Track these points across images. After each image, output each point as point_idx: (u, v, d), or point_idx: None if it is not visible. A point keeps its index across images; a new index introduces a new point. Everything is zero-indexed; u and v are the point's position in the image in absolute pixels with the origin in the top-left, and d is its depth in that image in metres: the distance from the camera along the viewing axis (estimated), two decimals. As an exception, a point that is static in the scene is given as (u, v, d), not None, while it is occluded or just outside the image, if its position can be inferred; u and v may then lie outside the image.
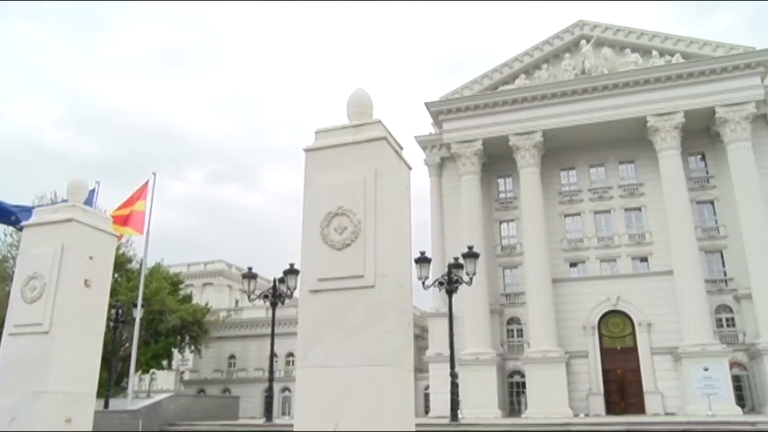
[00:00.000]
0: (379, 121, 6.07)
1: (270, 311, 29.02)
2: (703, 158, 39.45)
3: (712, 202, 38.47)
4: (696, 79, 36.99)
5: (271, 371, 28.24)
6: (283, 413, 46.18)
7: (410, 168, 6.49)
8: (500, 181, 43.05)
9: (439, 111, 41.56)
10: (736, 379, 33.48)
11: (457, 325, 34.87)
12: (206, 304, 49.59)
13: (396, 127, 6.75)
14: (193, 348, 47.77)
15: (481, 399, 34.25)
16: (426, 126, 47.52)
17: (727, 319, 36.34)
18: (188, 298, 48.61)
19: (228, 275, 69.46)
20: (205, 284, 68.38)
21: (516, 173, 40.28)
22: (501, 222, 42.22)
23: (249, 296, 27.26)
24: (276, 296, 27.19)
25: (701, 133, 38.17)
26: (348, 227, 5.62)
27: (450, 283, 24.48)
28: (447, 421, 22.34)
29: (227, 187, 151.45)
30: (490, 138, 40.10)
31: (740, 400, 32.76)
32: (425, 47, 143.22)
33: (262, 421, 27.78)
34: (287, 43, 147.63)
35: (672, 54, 38.29)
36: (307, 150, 6.18)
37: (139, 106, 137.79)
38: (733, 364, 33.66)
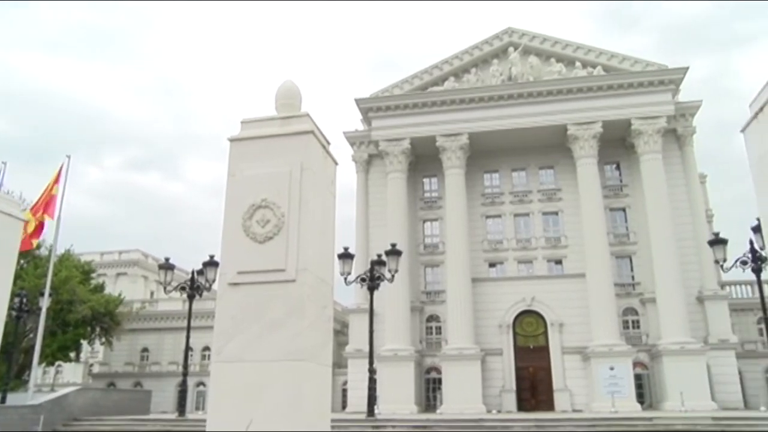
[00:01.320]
0: (307, 115, 6.02)
1: (187, 304, 28.23)
2: (618, 167, 41.40)
3: (624, 210, 40.45)
4: (615, 92, 38.77)
5: (186, 365, 27.49)
6: (197, 408, 45.10)
7: (337, 163, 6.48)
8: (426, 180, 43.64)
9: (369, 108, 41.71)
10: (638, 378, 35.37)
11: (377, 322, 35.13)
12: (119, 295, 47.79)
13: (324, 121, 6.70)
14: (103, 340, 45.89)
15: (399, 395, 34.66)
16: (355, 122, 47.60)
17: (632, 321, 38.34)
18: (100, 288, 46.70)
19: (144, 265, 67.09)
20: (119, 274, 65.81)
21: (441, 174, 40.95)
22: (425, 221, 42.82)
23: (165, 288, 26.40)
24: (194, 288, 26.50)
25: (617, 144, 40.03)
26: (271, 220, 5.54)
27: (372, 280, 24.61)
28: (363, 416, 22.46)
29: (148, 175, 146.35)
30: (417, 137, 40.59)
31: (640, 397, 34.66)
32: (358, 44, 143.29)
33: (174, 416, 27.01)
34: (219, 32, 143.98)
35: (594, 66, 39.96)
36: (232, 140, 6.05)
37: (56, 87, 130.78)
38: (636, 364, 35.57)
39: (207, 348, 48.12)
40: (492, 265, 40.84)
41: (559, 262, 39.96)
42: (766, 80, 5.34)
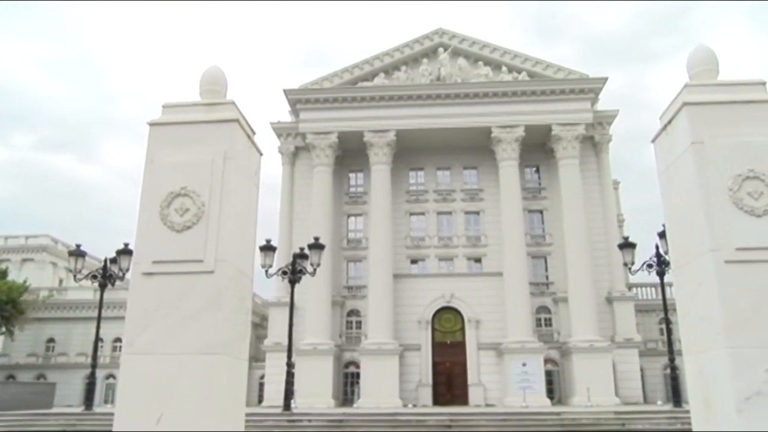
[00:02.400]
0: (233, 103, 5.88)
1: (99, 293, 27.06)
2: (538, 171, 42.86)
3: (541, 212, 41.92)
4: (538, 98, 40.07)
5: (95, 356, 26.38)
6: (106, 401, 43.40)
7: (261, 154, 6.36)
8: (352, 175, 43.65)
9: (298, 99, 41.24)
10: (548, 374, 36.86)
11: (298, 315, 34.92)
12: (24, 282, 45.19)
13: (250, 111, 6.57)
14: (3, 329, 43.28)
15: (316, 389, 34.56)
16: (283, 114, 46.98)
17: (545, 319, 39.84)
18: (2, 275, 43.97)
19: (53, 252, 63.60)
20: (24, 260, 62.08)
21: (368, 169, 41.07)
22: (349, 216, 42.85)
23: (75, 276, 25.20)
24: (106, 277, 25.43)
25: (538, 148, 41.39)
26: (190, 209, 5.38)
27: (294, 273, 24.41)
28: (280, 410, 22.26)
29: (61, 157, 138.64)
30: (345, 132, 40.52)
31: (550, 392, 36.18)
32: (288, 35, 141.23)
33: (80, 410, 25.84)
34: (146, 13, 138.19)
35: (519, 71, 41.14)
36: (152, 124, 5.83)
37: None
38: (547, 360, 37.03)
39: (119, 339, 46.27)
40: (414, 261, 41.37)
41: (478, 260, 40.95)
42: (675, 95, 5.65)
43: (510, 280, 37.41)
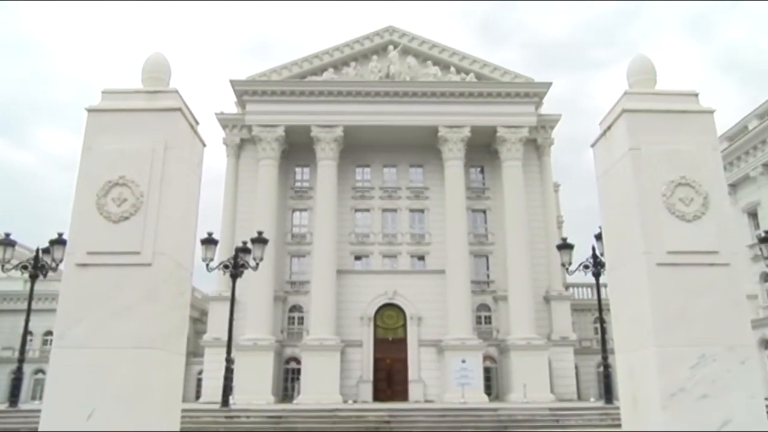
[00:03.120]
0: (176, 91, 5.74)
1: (29, 284, 25.94)
2: (482, 171, 43.55)
3: (485, 211, 42.63)
4: (485, 99, 40.69)
5: (23, 350, 25.22)
6: (34, 398, 41.74)
7: (205, 144, 6.23)
8: (298, 170, 43.29)
9: (244, 91, 40.56)
10: (487, 371, 37.58)
11: (239, 310, 34.40)
12: (-54, 271, 42.83)
13: (194, 100, 6.42)
14: None
15: (256, 385, 34.15)
16: (228, 105, 46.09)
17: (485, 317, 40.57)
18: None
19: (-20, 239, 60.62)
20: (-52, 247, 58.94)
21: (314, 164, 40.80)
22: (294, 210, 42.48)
23: (3, 266, 24.07)
24: (37, 268, 24.38)
25: (483, 149, 42.04)
26: (128, 199, 5.22)
27: (236, 267, 24.04)
28: (217, 406, 21.90)
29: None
30: (292, 126, 40.13)
31: (488, 389, 36.92)
32: (235, 25, 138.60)
33: (4, 406, 24.73)
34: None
35: (467, 72, 41.68)
36: (90, 110, 5.63)
37: None
38: (486, 357, 37.75)
39: (50, 333, 44.51)
40: (358, 258, 41.38)
41: (422, 258, 41.31)
42: (615, 102, 5.83)
43: (452, 278, 37.91)
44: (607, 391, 23.06)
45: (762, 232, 27.64)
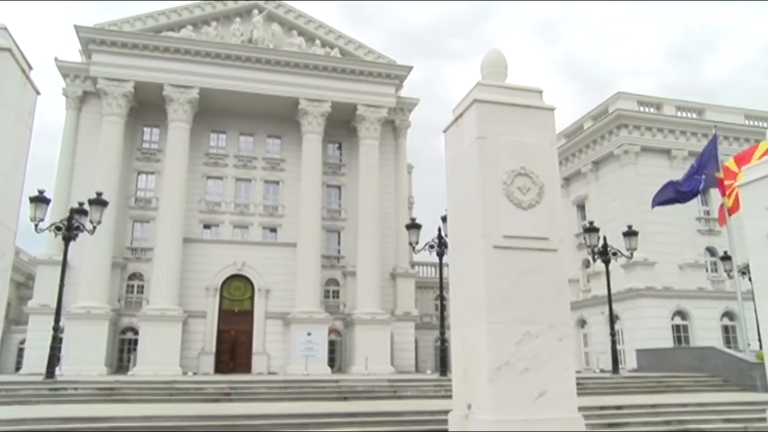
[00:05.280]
0: (5, 28, 5.12)
1: None
2: (340, 147, 43.82)
3: (339, 188, 43.01)
4: (347, 76, 40.79)
5: None
6: None
7: (39, 93, 5.65)
8: (147, 130, 40.73)
9: (91, 39, 37.17)
10: (332, 344, 38.32)
11: (72, 276, 32.07)
12: None
13: (29, 43, 5.79)
14: None
15: (88, 355, 32.00)
16: (72, 53, 42.11)
17: (333, 291, 41.17)
18: None
19: None
20: None
21: (165, 126, 38.58)
22: (140, 173, 39.99)
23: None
24: None
25: (342, 125, 42.26)
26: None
27: (69, 230, 22.22)
28: (41, 378, 20.29)
29: None
30: (143, 82, 37.58)
31: (332, 362, 37.69)
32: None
33: None
34: None
35: (332, 47, 41.47)
36: None
37: None
38: (332, 331, 38.45)
39: None
40: (207, 226, 40.00)
41: (274, 230, 40.86)
42: (468, 91, 6.09)
43: (303, 251, 37.95)
44: (443, 364, 24.51)
45: (587, 222, 30.68)
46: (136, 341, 35.07)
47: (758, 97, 69.15)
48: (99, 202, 22.68)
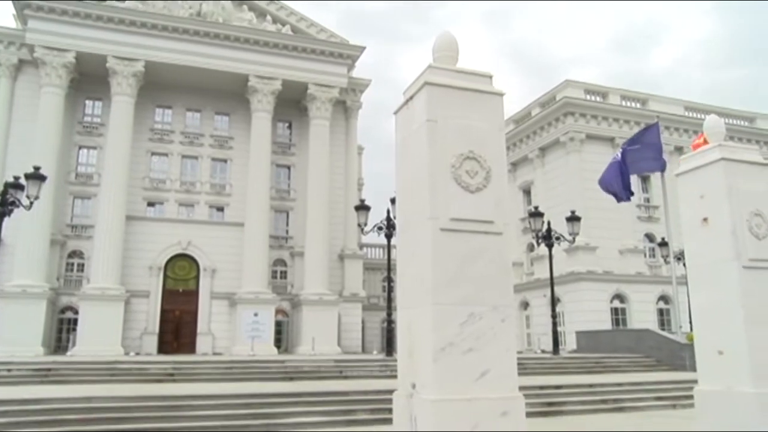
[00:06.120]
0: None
1: None
2: (290, 127, 43.30)
3: (289, 168, 42.58)
4: (299, 54, 40.21)
5: None
6: None
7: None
8: (89, 103, 39.27)
9: (27, 4, 35.42)
10: (278, 324, 38.12)
11: (6, 253, 30.98)
12: None
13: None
14: None
15: (24, 335, 30.86)
16: (5, 18, 40.07)
17: (281, 272, 40.91)
18: None
19: None
20: None
21: (108, 99, 37.24)
22: (81, 147, 38.59)
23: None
24: None
25: (292, 104, 41.75)
26: None
27: (3, 205, 21.29)
28: (-27, 358, 19.51)
29: None
30: (85, 53, 36.13)
31: (278, 342, 37.53)
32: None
33: None
34: None
35: (284, 24, 40.75)
36: None
37: None
38: (279, 311, 38.27)
39: None
40: (151, 204, 39.02)
41: (221, 209, 40.22)
42: (420, 73, 6.09)
43: (251, 231, 37.52)
44: (389, 345, 24.78)
45: (533, 207, 31.34)
46: (75, 321, 34.07)
47: (694, 89, 71.74)
48: (37, 176, 21.78)
